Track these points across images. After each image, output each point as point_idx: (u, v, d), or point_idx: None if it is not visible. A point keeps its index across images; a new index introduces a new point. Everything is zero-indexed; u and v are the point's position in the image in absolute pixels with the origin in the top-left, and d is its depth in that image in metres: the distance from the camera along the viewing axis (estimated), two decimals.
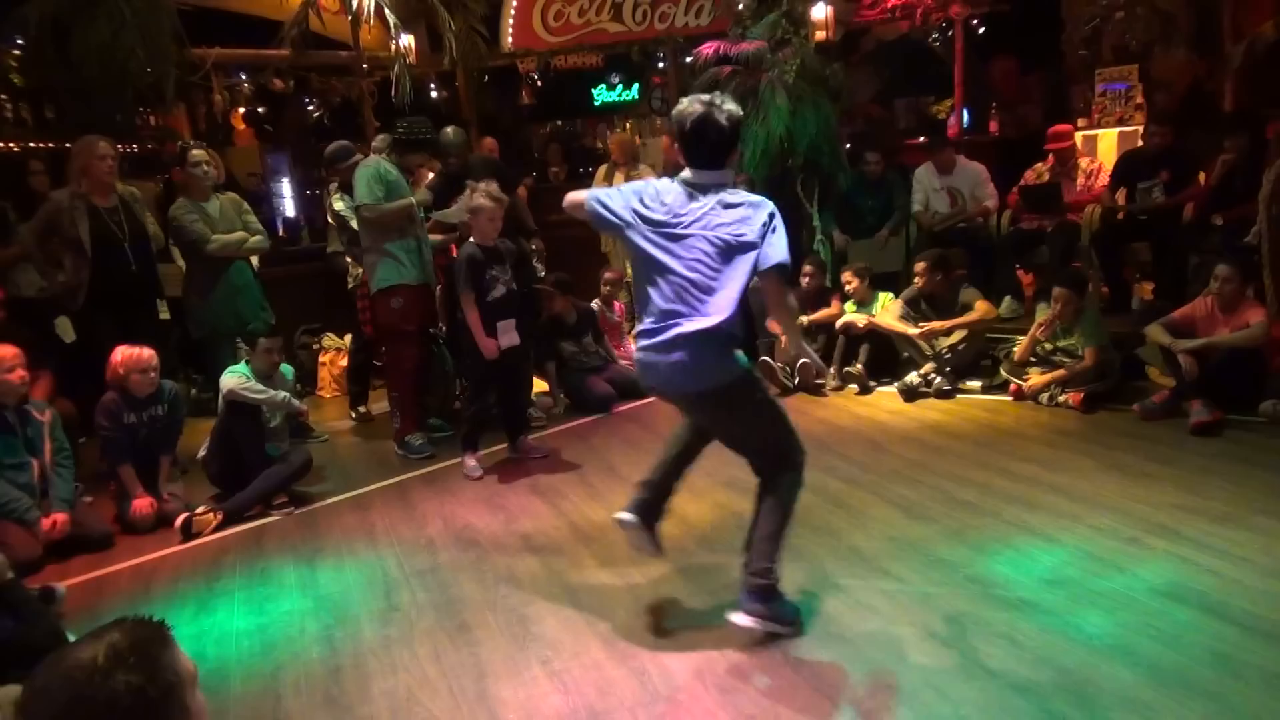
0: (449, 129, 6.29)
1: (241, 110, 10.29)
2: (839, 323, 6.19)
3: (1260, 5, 6.95)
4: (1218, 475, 4.10)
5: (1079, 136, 7.45)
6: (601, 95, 11.65)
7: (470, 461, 4.99)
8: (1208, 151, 6.33)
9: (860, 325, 6.09)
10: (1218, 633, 2.83)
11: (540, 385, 6.36)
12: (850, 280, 6.27)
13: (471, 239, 4.95)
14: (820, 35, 7.60)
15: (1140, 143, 6.88)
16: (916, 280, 5.94)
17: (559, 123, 12.52)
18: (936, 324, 5.82)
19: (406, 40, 8.13)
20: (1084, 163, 6.95)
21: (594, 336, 6.47)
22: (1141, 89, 7.81)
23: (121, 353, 4.48)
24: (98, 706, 1.27)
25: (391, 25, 7.72)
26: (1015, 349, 5.64)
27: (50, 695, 1.28)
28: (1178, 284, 5.89)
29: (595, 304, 6.71)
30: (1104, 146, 7.53)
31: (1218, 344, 4.82)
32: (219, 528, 4.43)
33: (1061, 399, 5.26)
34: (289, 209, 10.86)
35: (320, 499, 4.79)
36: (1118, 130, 7.53)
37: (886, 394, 5.89)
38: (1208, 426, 4.62)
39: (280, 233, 9.20)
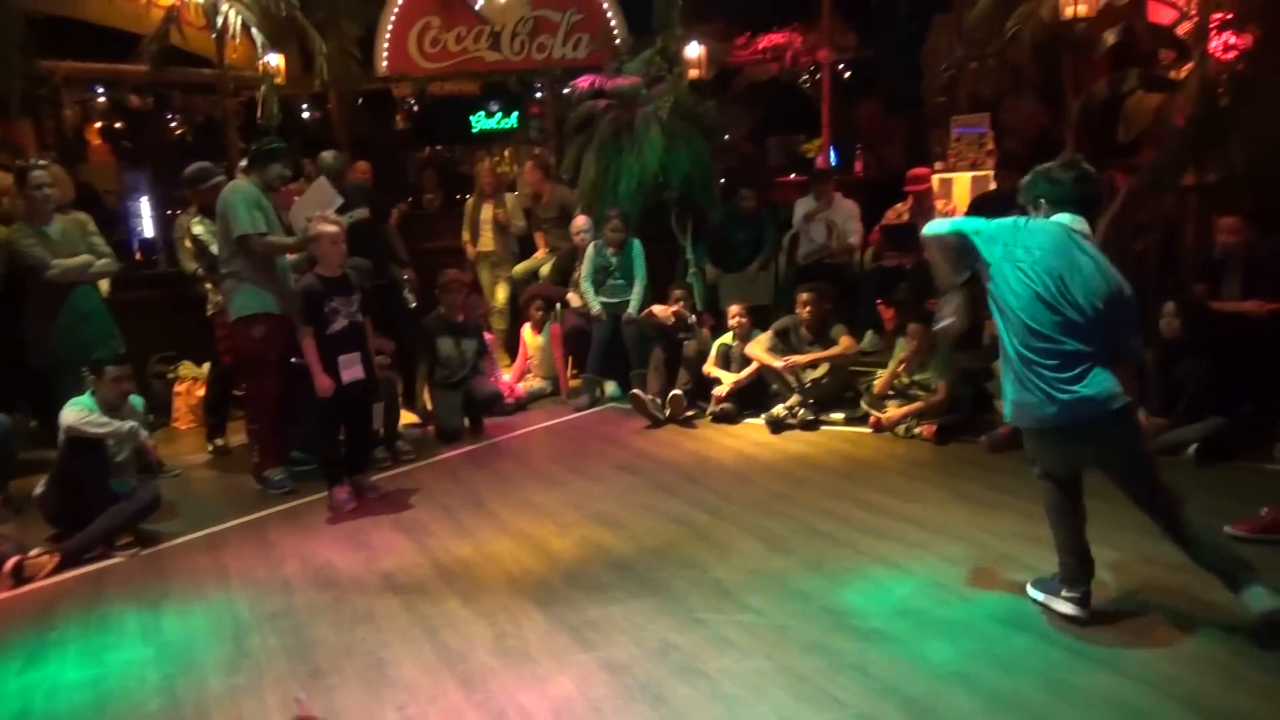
0: (326, 153, 6.16)
1: (98, 125, 9.82)
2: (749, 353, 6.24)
3: (1097, 63, 7.48)
4: None
5: (936, 179, 7.84)
6: (480, 122, 11.62)
7: (341, 495, 4.84)
8: None
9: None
10: (1050, 657, 3.00)
11: (409, 417, 6.25)
12: (739, 315, 6.37)
13: (315, 269, 4.83)
14: (694, 73, 7.79)
15: (993, 185, 7.29)
16: (800, 310, 6.09)
17: (437, 148, 12.42)
18: (798, 357, 5.99)
19: (275, 59, 7.92)
20: (940, 204, 7.32)
21: (479, 347, 6.42)
22: (993, 135, 8.29)
23: None
24: None
25: (258, 44, 7.51)
26: (875, 382, 5.86)
27: None
28: None
29: None
30: (959, 190, 7.95)
31: None
32: (55, 571, 4.16)
33: (917, 431, 5.49)
34: (148, 229, 10.38)
35: (169, 538, 4.56)
36: (971, 174, 7.95)
37: (754, 425, 6.02)
38: None
39: (137, 255, 8.79)
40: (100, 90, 8.78)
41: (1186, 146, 5.98)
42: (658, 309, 6.49)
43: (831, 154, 9.24)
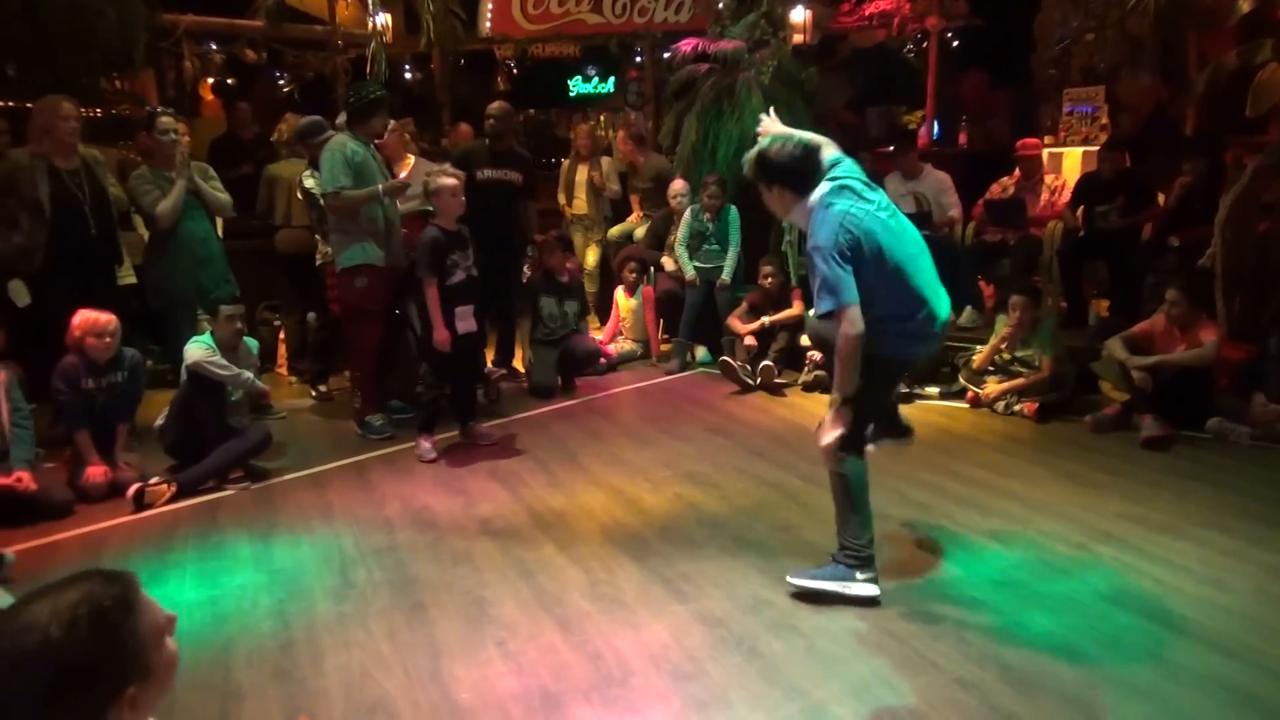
0: (494, 105, 6.23)
1: (210, 80, 10.14)
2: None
3: (1225, 35, 7.12)
4: (1163, 488, 4.21)
5: (1045, 154, 7.59)
6: (577, 86, 11.65)
7: (425, 444, 4.96)
8: (1167, 174, 6.49)
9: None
10: (1156, 636, 2.92)
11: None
12: None
13: (435, 221, 4.92)
14: (798, 38, 7.67)
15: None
16: None
17: (530, 111, 12.49)
18: None
19: (383, 18, 8.06)
20: (1049, 179, 7.08)
21: (580, 308, 6.59)
22: (1107, 110, 7.98)
23: (81, 316, 4.41)
24: (43, 673, 1.22)
25: (370, 3, 7.65)
26: (975, 357, 5.73)
27: None
28: (1133, 302, 6.04)
29: None
30: (1069, 164, 7.69)
31: (1171, 362, 4.94)
32: (172, 499, 4.37)
33: (1017, 408, 5.36)
34: None
35: (277, 475, 4.75)
36: (1082, 149, 7.68)
37: None
38: (1157, 441, 4.74)
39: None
40: (214, 46, 9.05)
41: None
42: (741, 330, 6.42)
43: (935, 126, 9.00)
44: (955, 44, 9.35)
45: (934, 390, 5.89)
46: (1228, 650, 2.83)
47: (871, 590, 3.17)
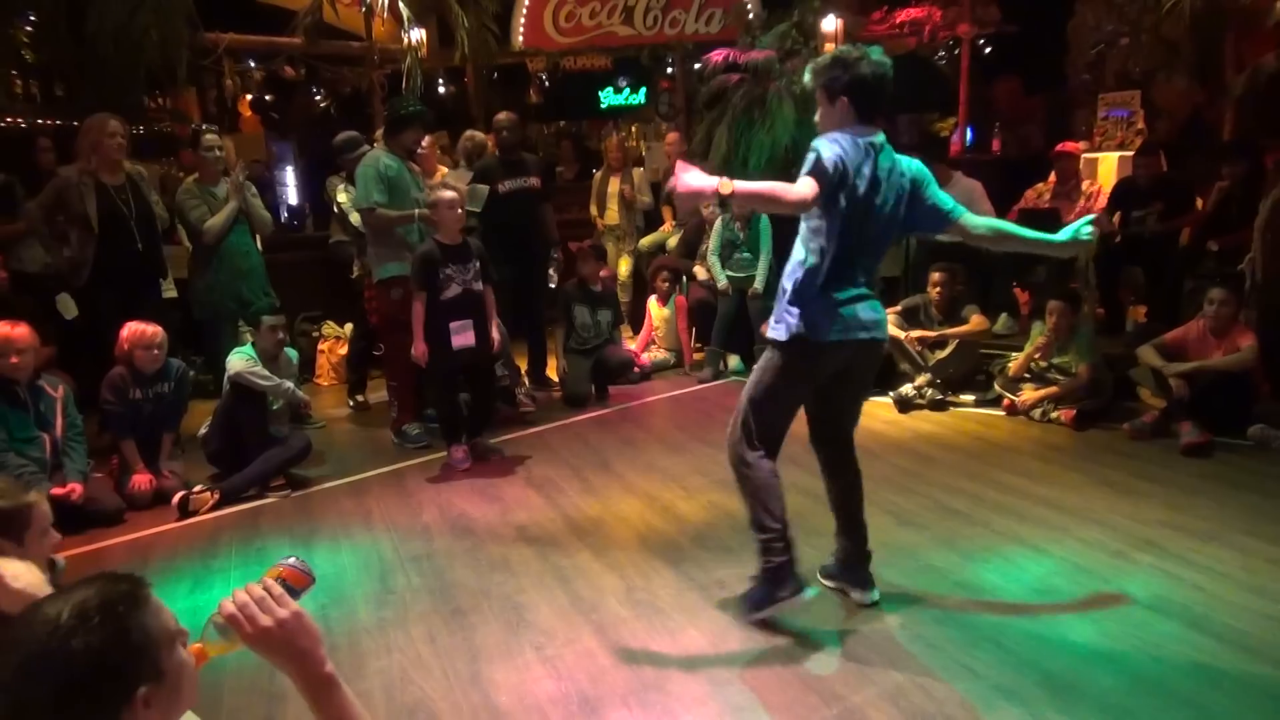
0: (501, 115, 6.33)
1: (248, 97, 10.34)
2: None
3: (1263, 37, 7.05)
4: (1204, 495, 4.16)
5: (1080, 159, 7.52)
6: (608, 98, 11.71)
7: (457, 454, 5.02)
8: (1206, 178, 6.42)
9: None
10: (1198, 645, 2.89)
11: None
12: None
13: (434, 234, 4.96)
14: (829, 47, 7.66)
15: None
16: (931, 290, 5.98)
17: (561, 123, 12.58)
18: (928, 332, 5.88)
19: (418, 34, 8.18)
20: (1085, 185, 7.03)
21: (614, 318, 6.65)
22: (1143, 115, 7.91)
23: (129, 328, 4.52)
24: (54, 667, 1.22)
25: (405, 18, 7.77)
26: (1010, 364, 5.70)
27: (9, 651, 1.24)
28: (1171, 308, 5.97)
29: None
30: (1104, 170, 7.62)
31: (1209, 367, 4.89)
32: (215, 507, 4.47)
33: (1054, 415, 5.32)
34: (292, 197, 10.89)
35: (317, 483, 4.83)
36: (1118, 154, 7.61)
37: (881, 404, 5.93)
38: (1197, 448, 4.68)
39: (284, 219, 9.24)
40: (254, 63, 9.23)
41: None
42: None
43: (968, 132, 8.96)
44: (988, 50, 9.31)
45: (970, 398, 5.86)
46: (1272, 659, 2.79)
47: (805, 595, 3.13)
